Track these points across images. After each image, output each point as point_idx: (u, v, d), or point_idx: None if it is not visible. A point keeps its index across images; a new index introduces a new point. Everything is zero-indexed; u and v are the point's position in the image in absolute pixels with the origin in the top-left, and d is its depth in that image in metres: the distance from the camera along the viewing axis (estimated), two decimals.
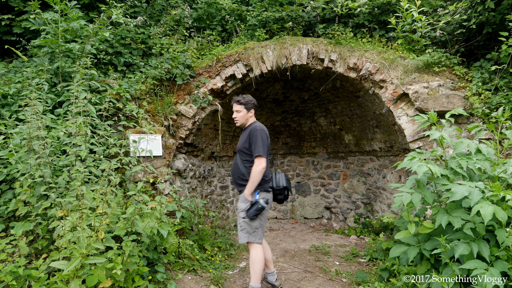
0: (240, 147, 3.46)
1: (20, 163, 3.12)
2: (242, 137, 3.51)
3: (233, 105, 3.50)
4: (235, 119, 3.50)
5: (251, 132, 3.39)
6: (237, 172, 3.48)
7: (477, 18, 4.46)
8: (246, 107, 3.47)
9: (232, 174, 3.57)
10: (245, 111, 3.47)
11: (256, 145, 3.32)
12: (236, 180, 3.52)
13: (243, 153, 3.43)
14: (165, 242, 3.65)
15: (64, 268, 2.29)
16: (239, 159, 3.46)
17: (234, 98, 3.51)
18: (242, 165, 3.43)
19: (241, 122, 3.51)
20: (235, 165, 3.51)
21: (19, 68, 4.44)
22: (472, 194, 2.37)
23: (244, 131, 3.54)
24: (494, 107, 3.97)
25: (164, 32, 5.32)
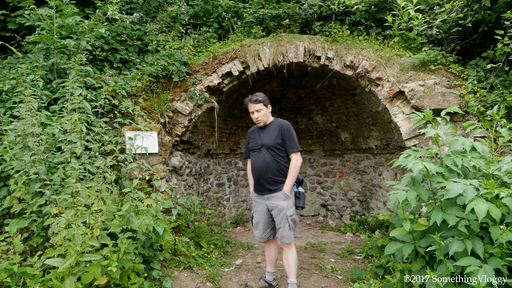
0: (272, 144, 3.34)
1: (15, 160, 3.10)
2: (268, 134, 3.41)
3: (250, 105, 3.38)
4: (257, 119, 3.39)
5: (282, 128, 3.36)
6: (270, 170, 3.33)
7: (473, 17, 4.48)
8: (265, 104, 3.40)
9: (261, 173, 3.36)
10: (265, 108, 3.40)
11: (293, 140, 3.34)
12: (268, 178, 3.34)
13: (276, 150, 3.34)
14: (161, 239, 3.65)
15: (59, 265, 2.28)
16: (270, 156, 3.34)
17: (249, 99, 3.39)
18: (276, 162, 3.33)
19: (264, 121, 3.42)
20: (266, 164, 3.34)
21: (13, 64, 4.41)
22: (467, 192, 2.38)
23: (267, 128, 3.46)
24: (489, 105, 3.99)
25: (161, 29, 5.29)
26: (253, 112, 3.40)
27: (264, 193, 3.40)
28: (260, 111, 3.37)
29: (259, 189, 3.44)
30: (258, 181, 3.41)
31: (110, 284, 2.86)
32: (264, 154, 3.36)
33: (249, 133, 3.66)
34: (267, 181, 3.35)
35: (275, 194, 3.35)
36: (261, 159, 3.37)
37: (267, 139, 3.38)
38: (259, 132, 3.50)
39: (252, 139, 3.55)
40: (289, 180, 3.32)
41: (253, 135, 3.56)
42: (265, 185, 3.36)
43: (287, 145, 3.33)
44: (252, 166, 3.47)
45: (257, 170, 3.39)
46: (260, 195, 3.46)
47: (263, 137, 3.42)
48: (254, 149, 3.46)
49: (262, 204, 3.46)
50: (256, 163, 3.40)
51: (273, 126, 3.42)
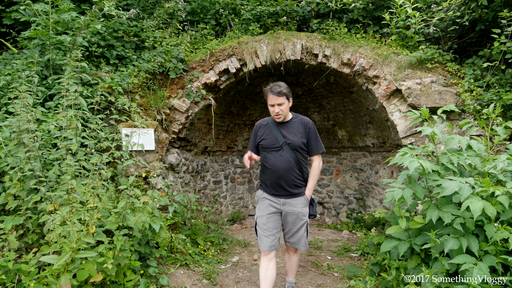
0: (298, 144, 2.98)
1: (10, 156, 3.08)
2: (291, 131, 3.03)
3: (272, 97, 2.93)
4: (278, 114, 2.96)
5: (308, 126, 3.06)
6: (294, 172, 2.99)
7: (470, 15, 4.49)
8: (288, 97, 2.98)
9: (283, 175, 2.98)
10: (287, 102, 2.99)
11: (318, 140, 3.09)
12: (291, 181, 3.00)
13: (301, 150, 3.02)
14: (157, 236, 3.65)
15: (54, 262, 2.27)
16: (295, 157, 2.98)
17: (270, 89, 2.95)
18: (299, 164, 3.01)
19: (285, 115, 3.01)
20: (290, 165, 2.97)
21: (9, 60, 4.37)
22: (462, 190, 2.39)
23: (289, 125, 3.07)
24: (485, 103, 4.01)
25: (157, 25, 5.26)
26: (274, 105, 2.96)
27: (282, 197, 3.03)
28: (282, 105, 2.95)
29: (277, 192, 3.04)
30: (277, 184, 3.01)
31: (105, 281, 2.86)
32: (287, 154, 2.98)
33: (259, 126, 3.18)
34: (290, 184, 3.00)
35: (295, 198, 3.03)
36: (284, 159, 2.97)
37: (293, 138, 3.00)
38: (278, 127, 3.06)
39: (267, 135, 3.08)
40: (312, 183, 3.07)
41: (267, 130, 3.10)
42: (287, 188, 3.00)
43: (312, 145, 3.05)
44: (271, 166, 3.02)
45: (278, 171, 2.98)
46: (275, 198, 3.05)
47: (287, 134, 3.02)
48: (273, 147, 3.03)
49: (275, 207, 3.06)
50: (277, 163, 2.98)
51: (296, 123, 3.06)
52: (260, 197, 3.15)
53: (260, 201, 3.14)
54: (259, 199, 3.15)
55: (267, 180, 3.08)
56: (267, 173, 3.06)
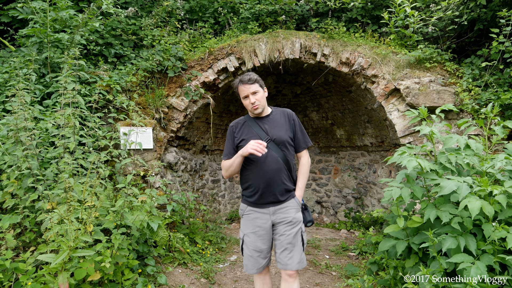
0: (285, 138, 2.58)
1: (7, 154, 3.07)
2: (275, 125, 2.63)
3: (243, 87, 2.57)
4: (255, 104, 2.56)
5: (291, 118, 2.68)
6: (283, 173, 2.56)
7: (468, 15, 4.49)
8: (261, 85, 2.63)
9: (272, 179, 2.53)
10: (262, 91, 2.62)
11: (305, 134, 2.72)
12: (282, 185, 2.56)
13: (289, 146, 2.61)
14: (155, 235, 3.64)
15: (52, 261, 2.26)
16: (283, 155, 2.56)
17: (240, 80, 2.60)
18: (288, 163, 2.59)
19: (263, 105, 2.61)
20: (279, 166, 2.54)
21: (6, 58, 4.35)
22: (461, 189, 2.39)
23: (270, 118, 2.66)
24: (483, 103, 4.01)
25: (156, 24, 5.24)
26: (248, 96, 2.58)
27: (270, 205, 2.56)
28: (257, 94, 2.57)
29: (265, 201, 2.56)
30: (265, 190, 2.54)
31: (103, 280, 2.85)
32: (274, 152, 2.54)
33: (235, 127, 2.71)
34: (280, 189, 2.55)
35: (286, 204, 2.58)
36: (271, 159, 2.52)
37: (278, 132, 2.58)
38: (258, 123, 2.64)
39: (246, 134, 2.62)
40: (302, 182, 2.67)
41: (246, 129, 2.65)
42: (277, 194, 2.54)
43: (298, 139, 2.67)
44: (256, 170, 2.55)
45: (265, 175, 2.52)
46: (262, 208, 2.58)
47: (270, 129, 2.60)
48: None
49: (265, 220, 2.58)
50: (263, 165, 2.51)
51: (278, 116, 2.67)
52: (244, 211, 2.67)
53: (244, 216, 2.66)
54: (244, 214, 2.66)
55: (252, 188, 2.58)
56: (252, 180, 2.57)
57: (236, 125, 2.71)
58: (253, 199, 2.60)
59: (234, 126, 2.72)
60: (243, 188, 2.70)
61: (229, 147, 2.68)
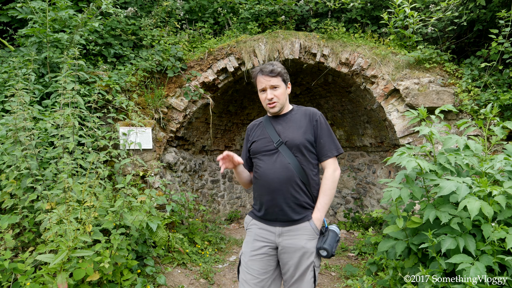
0: (300, 141, 2.09)
1: (6, 154, 3.06)
2: (290, 126, 2.18)
3: (263, 78, 2.14)
4: (272, 101, 2.14)
5: (314, 118, 2.17)
6: (295, 184, 2.05)
7: (468, 15, 4.49)
8: (284, 79, 2.18)
9: (278, 189, 2.05)
10: (284, 86, 2.18)
11: (332, 138, 2.17)
12: (291, 199, 2.05)
13: (306, 151, 2.10)
14: (154, 235, 3.64)
15: (51, 261, 2.26)
16: (296, 162, 2.07)
17: (260, 70, 2.16)
18: (303, 172, 2.07)
19: (282, 103, 2.18)
20: (289, 173, 2.05)
21: (5, 58, 4.34)
22: (460, 190, 2.39)
23: (287, 118, 2.22)
24: (483, 104, 4.02)
25: (155, 24, 5.24)
26: (265, 90, 2.15)
27: (278, 223, 2.08)
28: (277, 89, 2.14)
29: (270, 217, 2.10)
30: (270, 203, 2.08)
31: (102, 280, 2.85)
32: (284, 157, 2.08)
33: (251, 129, 2.35)
34: (289, 203, 2.05)
35: (298, 226, 2.05)
36: (280, 165, 2.07)
37: (292, 133, 2.13)
38: (273, 124, 2.22)
39: (258, 136, 2.25)
40: (323, 201, 2.07)
41: (259, 130, 2.27)
42: (286, 209, 2.05)
43: (322, 144, 2.13)
44: (261, 177, 2.12)
45: (271, 184, 2.07)
46: (267, 225, 2.12)
47: (283, 130, 2.16)
48: (265, 150, 2.16)
49: (267, 242, 2.10)
50: (269, 172, 2.09)
51: (298, 115, 2.22)
52: (248, 224, 2.25)
53: (248, 231, 2.24)
54: (247, 227, 2.25)
55: (258, 199, 2.18)
56: (258, 188, 2.18)
57: (253, 126, 2.36)
58: (259, 213, 2.18)
59: (250, 128, 2.36)
60: (254, 198, 2.29)
61: (244, 152, 2.38)
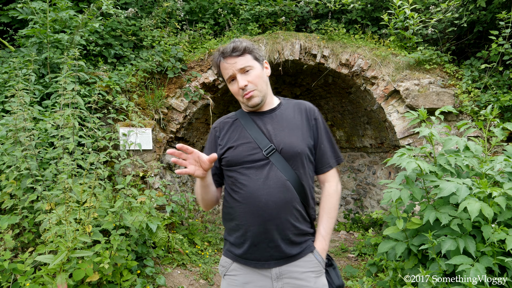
0: (299, 148, 1.54)
1: (6, 155, 3.06)
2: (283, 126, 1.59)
3: (227, 63, 1.54)
4: (246, 89, 1.53)
5: (311, 115, 1.66)
6: (295, 205, 1.51)
7: (468, 17, 4.50)
8: (257, 57, 1.58)
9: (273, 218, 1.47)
10: (259, 66, 1.58)
11: (333, 142, 1.69)
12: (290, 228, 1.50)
13: (307, 162, 1.58)
14: (154, 236, 3.64)
15: (50, 261, 2.26)
16: (294, 177, 1.52)
17: (223, 50, 1.58)
18: (303, 189, 1.54)
19: (262, 92, 1.58)
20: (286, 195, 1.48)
21: (6, 58, 4.35)
22: (460, 191, 2.39)
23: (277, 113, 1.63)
24: (483, 105, 4.02)
25: (156, 25, 5.25)
26: (233, 78, 1.56)
27: (273, 263, 1.51)
28: (250, 71, 1.54)
29: (260, 255, 1.51)
30: (262, 239, 1.49)
31: (102, 281, 2.84)
32: (279, 171, 1.50)
33: (220, 128, 1.68)
34: (288, 236, 1.50)
35: (300, 261, 1.53)
36: (275, 183, 1.48)
37: (288, 137, 1.56)
38: (257, 121, 1.62)
39: (236, 139, 1.59)
40: (327, 225, 1.61)
41: (235, 132, 1.62)
42: (282, 245, 1.49)
43: (323, 151, 1.63)
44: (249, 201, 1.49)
45: (264, 210, 1.47)
46: (258, 268, 1.53)
47: (274, 132, 1.57)
48: (251, 160, 1.53)
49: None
50: (259, 192, 1.48)
51: (289, 111, 1.65)
52: (227, 269, 1.60)
53: (227, 278, 1.60)
54: (226, 273, 1.60)
55: (240, 233, 1.53)
56: (239, 215, 1.52)
57: (222, 124, 1.69)
58: (240, 250, 1.54)
59: (218, 126, 1.69)
60: (227, 228, 1.64)
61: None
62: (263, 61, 1.64)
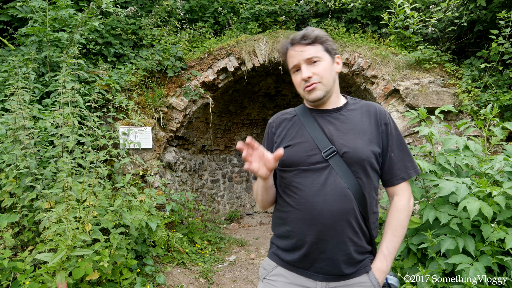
0: (364, 154, 1.38)
1: (6, 153, 3.06)
2: (348, 128, 1.44)
3: (294, 51, 1.42)
4: (310, 81, 1.40)
5: (382, 119, 1.48)
6: (355, 219, 1.37)
7: (468, 16, 4.49)
8: (328, 49, 1.44)
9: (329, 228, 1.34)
10: (329, 59, 1.44)
11: (407, 150, 1.53)
12: (347, 242, 1.36)
13: (371, 170, 1.41)
14: (154, 235, 3.64)
15: (50, 260, 2.26)
16: (356, 185, 1.37)
17: (293, 37, 1.44)
18: (364, 201, 1.38)
19: (328, 86, 1.43)
20: (346, 204, 1.35)
21: (5, 57, 4.34)
22: (459, 190, 2.39)
23: (338, 114, 1.48)
24: (483, 104, 4.02)
25: (156, 23, 5.24)
26: (298, 68, 1.43)
27: (321, 278, 1.38)
28: (318, 63, 1.40)
29: (310, 265, 1.40)
30: (316, 249, 1.37)
31: (102, 280, 2.84)
32: (340, 177, 1.36)
33: (277, 124, 1.57)
34: (346, 251, 1.36)
35: (351, 282, 1.39)
36: (333, 190, 1.35)
37: (353, 140, 1.41)
38: (318, 119, 1.48)
39: (293, 137, 1.48)
40: (393, 245, 1.43)
41: (293, 129, 1.50)
42: (339, 260, 1.36)
43: (393, 160, 1.47)
44: (303, 207, 1.38)
45: (319, 218, 1.34)
46: (304, 277, 1.41)
47: (337, 133, 1.43)
48: (309, 162, 1.40)
49: None
50: (316, 199, 1.35)
51: (358, 113, 1.48)
52: (269, 272, 1.50)
53: (266, 282, 1.50)
54: (266, 277, 1.50)
55: (293, 240, 1.42)
56: (293, 221, 1.42)
57: (280, 120, 1.57)
58: (292, 256, 1.43)
59: (275, 122, 1.58)
60: (276, 233, 1.53)
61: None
62: (336, 55, 1.48)
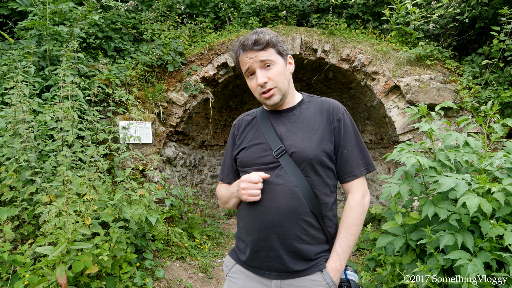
0: (313, 153, 1.40)
1: (6, 147, 3.06)
2: (298, 128, 1.47)
3: (246, 57, 1.43)
4: (266, 87, 1.43)
5: (335, 115, 1.48)
6: (303, 218, 1.38)
7: (470, 12, 4.47)
8: (280, 51, 1.45)
9: (275, 225, 1.38)
10: (282, 61, 1.46)
11: (361, 147, 1.50)
12: (294, 239, 1.38)
13: (322, 169, 1.43)
14: (153, 229, 3.65)
15: (50, 253, 2.26)
16: (306, 184, 1.39)
17: (244, 42, 1.43)
18: (316, 200, 1.41)
19: (283, 89, 1.46)
20: (293, 202, 1.38)
21: (5, 50, 4.32)
22: (459, 186, 2.39)
23: (294, 113, 1.52)
24: (483, 101, 4.01)
25: (156, 18, 5.22)
26: (252, 72, 1.45)
27: (274, 275, 1.41)
28: (272, 67, 1.43)
29: (260, 264, 1.44)
30: (262, 244, 1.41)
31: (101, 273, 2.85)
32: (289, 176, 1.40)
33: (238, 127, 1.65)
34: (291, 247, 1.38)
35: (304, 280, 1.39)
36: (281, 190, 1.39)
37: (302, 140, 1.44)
38: (273, 121, 1.53)
39: (251, 139, 1.55)
40: (347, 243, 1.42)
41: (252, 131, 1.57)
42: (284, 256, 1.38)
43: (346, 157, 1.47)
44: (250, 208, 1.46)
45: (266, 215, 1.40)
46: (259, 276, 1.45)
47: (287, 133, 1.47)
48: (261, 163, 1.47)
49: None
50: (266, 198, 1.41)
51: (310, 111, 1.51)
52: (230, 269, 1.56)
53: (228, 279, 1.56)
54: (228, 274, 1.57)
55: (245, 235, 1.49)
56: (244, 218, 1.49)
57: (241, 122, 1.64)
58: (244, 256, 1.49)
59: (237, 124, 1.65)
60: (237, 230, 1.60)
61: (227, 160, 1.65)
62: (288, 55, 1.50)
